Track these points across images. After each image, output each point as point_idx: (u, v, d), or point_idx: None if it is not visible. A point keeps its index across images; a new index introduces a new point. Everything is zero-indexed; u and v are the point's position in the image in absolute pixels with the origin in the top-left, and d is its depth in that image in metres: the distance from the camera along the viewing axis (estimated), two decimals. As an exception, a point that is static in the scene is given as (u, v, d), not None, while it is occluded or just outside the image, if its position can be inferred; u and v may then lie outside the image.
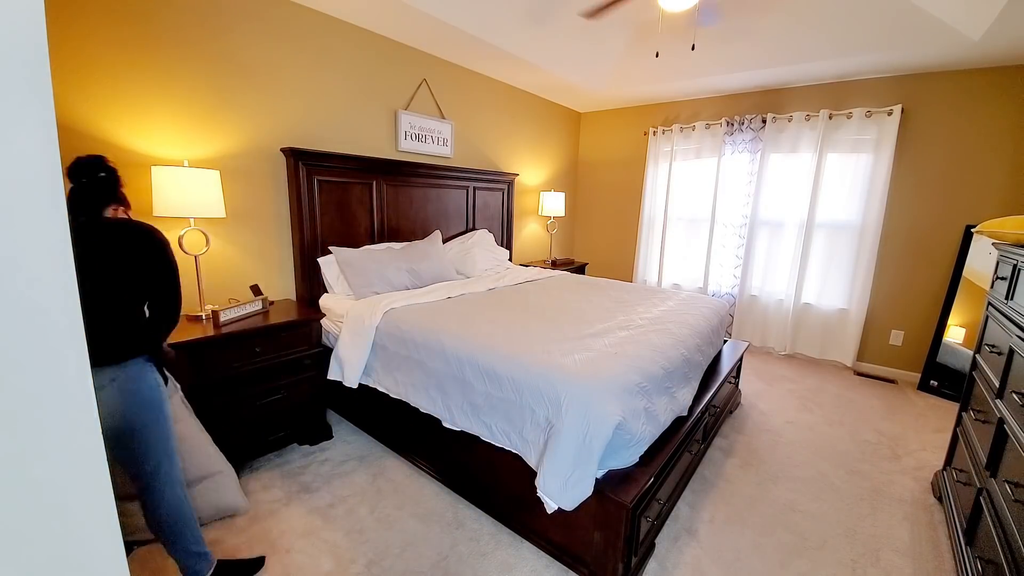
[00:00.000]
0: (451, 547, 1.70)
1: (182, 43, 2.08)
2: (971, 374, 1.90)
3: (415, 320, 2.14)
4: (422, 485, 2.05)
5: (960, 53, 2.79)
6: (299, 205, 2.51)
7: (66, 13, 1.75)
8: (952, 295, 3.15)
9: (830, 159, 3.56)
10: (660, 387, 1.74)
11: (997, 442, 1.45)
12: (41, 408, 0.43)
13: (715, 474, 2.18)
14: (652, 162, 4.46)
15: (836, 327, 3.68)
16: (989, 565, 1.34)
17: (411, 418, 2.08)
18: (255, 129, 2.39)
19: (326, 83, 2.67)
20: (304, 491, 1.98)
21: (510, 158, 4.21)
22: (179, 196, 1.93)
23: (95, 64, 1.84)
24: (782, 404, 2.98)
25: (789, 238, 3.80)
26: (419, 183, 3.19)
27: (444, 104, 3.42)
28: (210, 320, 2.06)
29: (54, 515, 0.45)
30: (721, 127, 3.97)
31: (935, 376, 3.21)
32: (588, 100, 4.49)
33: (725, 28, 3.01)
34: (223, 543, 1.67)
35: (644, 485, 1.47)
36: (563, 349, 1.77)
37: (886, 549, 1.74)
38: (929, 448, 2.48)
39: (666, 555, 1.68)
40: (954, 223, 3.17)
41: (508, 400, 1.66)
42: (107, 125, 1.90)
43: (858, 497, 2.05)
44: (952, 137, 3.13)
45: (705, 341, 2.27)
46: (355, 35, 2.77)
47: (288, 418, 2.22)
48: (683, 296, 2.86)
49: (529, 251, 4.71)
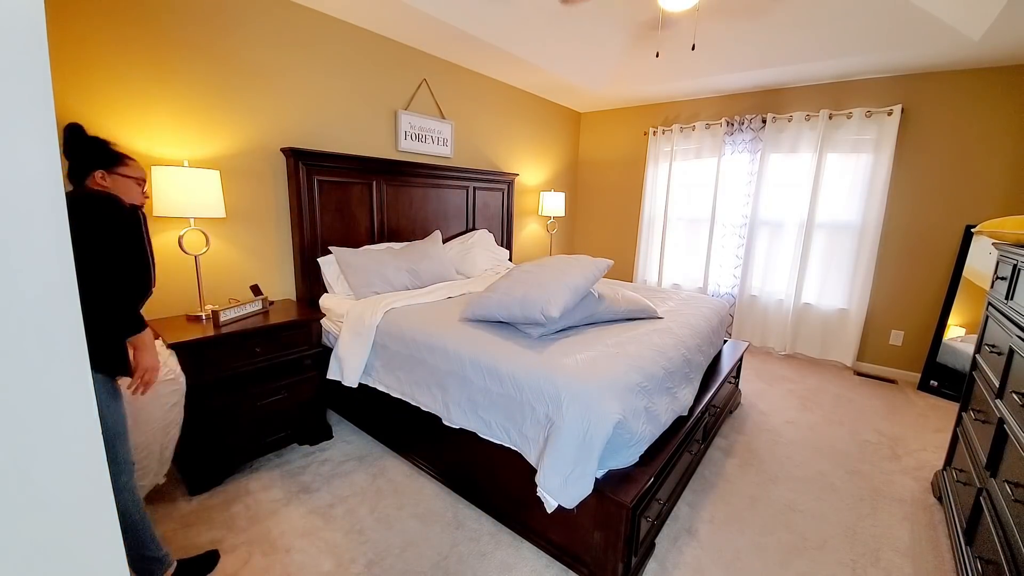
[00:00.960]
0: (451, 547, 1.70)
1: (182, 43, 2.08)
2: (971, 374, 1.90)
3: (416, 319, 2.14)
4: (422, 485, 2.05)
5: (960, 53, 2.79)
6: (299, 205, 2.51)
7: (66, 13, 1.75)
8: (952, 295, 3.15)
9: (830, 159, 3.56)
10: (661, 387, 1.74)
11: (997, 442, 1.45)
12: (41, 408, 0.43)
13: (715, 474, 2.18)
14: (652, 162, 4.47)
15: (836, 327, 3.68)
16: (989, 565, 1.34)
17: (411, 418, 2.08)
18: (255, 129, 2.39)
19: (326, 83, 2.67)
20: (304, 491, 1.98)
21: (510, 158, 4.21)
22: (179, 196, 1.93)
23: (95, 64, 1.84)
24: (782, 404, 2.98)
25: (789, 238, 3.80)
26: (419, 183, 3.19)
27: (444, 104, 3.42)
28: (210, 320, 2.06)
29: (54, 515, 0.45)
30: (721, 127, 3.97)
31: (935, 376, 3.21)
32: (588, 100, 4.49)
33: (725, 28, 3.02)
34: (224, 542, 1.67)
35: (644, 485, 1.47)
36: (564, 348, 1.77)
37: (886, 549, 1.74)
38: (929, 448, 2.48)
39: (666, 555, 1.68)
40: (954, 223, 3.17)
41: (508, 396, 1.66)
42: (107, 125, 1.90)
43: (858, 497, 2.05)
44: (952, 137, 3.13)
45: (705, 341, 2.27)
46: (355, 35, 2.77)
47: (288, 418, 2.22)
48: (683, 296, 2.86)
49: (529, 251, 4.71)
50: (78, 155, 1.31)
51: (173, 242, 2.09)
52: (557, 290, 1.86)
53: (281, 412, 2.18)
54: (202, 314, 2.09)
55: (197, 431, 1.88)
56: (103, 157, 1.34)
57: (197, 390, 1.87)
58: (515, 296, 1.91)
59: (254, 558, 1.61)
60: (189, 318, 2.09)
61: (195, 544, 1.66)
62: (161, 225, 2.10)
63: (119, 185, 1.35)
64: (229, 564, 1.59)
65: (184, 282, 2.19)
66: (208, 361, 1.90)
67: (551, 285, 1.89)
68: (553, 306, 1.80)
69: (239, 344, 2.00)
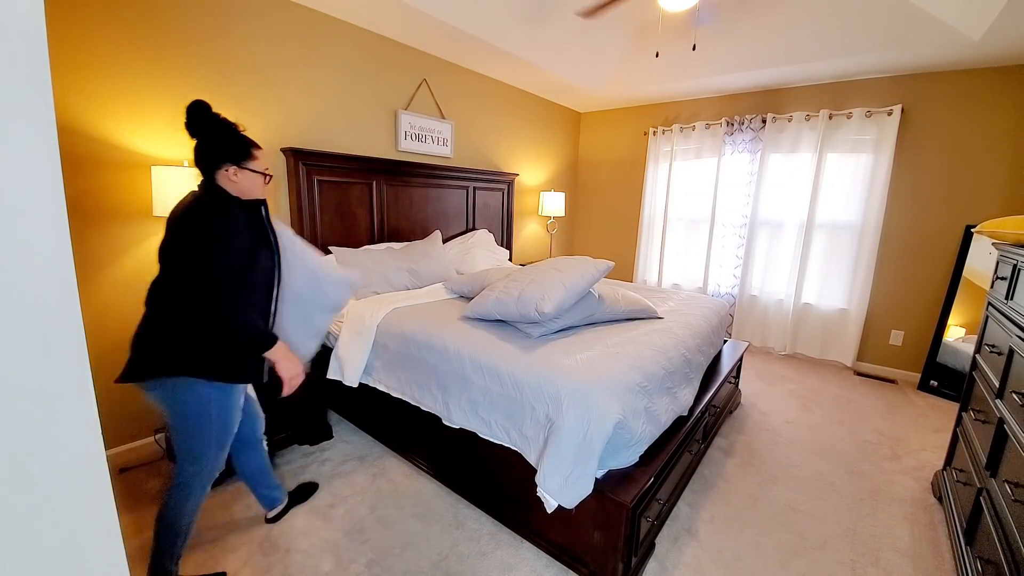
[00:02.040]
0: (451, 547, 1.70)
1: (183, 43, 2.08)
2: (971, 374, 1.90)
3: (417, 318, 2.14)
4: (422, 485, 2.05)
5: (960, 53, 2.79)
6: (299, 205, 2.50)
7: (66, 13, 1.75)
8: (952, 295, 3.15)
9: (830, 159, 3.56)
10: (661, 387, 1.74)
11: (997, 442, 1.45)
12: (41, 408, 0.43)
13: (715, 474, 2.18)
14: (652, 162, 4.46)
15: (836, 327, 3.68)
16: (989, 565, 1.34)
17: (411, 418, 2.08)
18: (255, 129, 2.38)
19: (326, 83, 2.67)
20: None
21: (510, 158, 4.21)
22: (179, 196, 1.90)
23: (95, 64, 1.84)
24: (782, 404, 2.98)
25: (789, 238, 3.80)
26: (419, 183, 3.19)
27: (444, 104, 3.42)
28: (210, 320, 2.06)
29: (54, 515, 0.45)
30: (721, 127, 3.97)
31: (935, 376, 3.21)
32: (588, 100, 4.49)
33: (725, 28, 3.02)
34: (224, 542, 1.68)
35: (644, 485, 1.47)
36: (564, 348, 1.77)
37: (886, 549, 1.74)
38: (929, 448, 2.48)
39: (666, 555, 1.68)
40: (954, 223, 3.17)
41: (508, 396, 1.66)
42: (107, 125, 1.90)
43: (858, 497, 2.05)
44: (952, 137, 3.13)
45: (705, 341, 2.27)
46: (355, 35, 2.77)
47: (288, 419, 2.22)
48: (683, 296, 2.86)
49: (529, 251, 4.71)
50: (205, 137, 1.29)
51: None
52: (553, 287, 1.86)
53: (281, 412, 2.18)
54: (202, 314, 2.09)
55: (197, 431, 1.88)
56: (232, 147, 1.30)
57: (197, 390, 1.88)
58: (512, 294, 1.92)
59: (254, 558, 1.61)
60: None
61: (196, 544, 1.66)
62: (161, 225, 2.09)
63: (247, 181, 1.33)
64: (229, 564, 1.59)
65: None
66: (208, 361, 1.90)
67: (548, 283, 1.89)
68: (547, 302, 1.80)
69: (239, 344, 1.99)
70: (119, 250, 2.01)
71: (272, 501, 1.78)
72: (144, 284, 1.31)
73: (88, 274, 1.94)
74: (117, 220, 1.98)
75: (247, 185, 1.33)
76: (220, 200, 1.26)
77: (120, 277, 2.02)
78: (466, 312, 2.08)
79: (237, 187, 1.32)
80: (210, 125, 1.29)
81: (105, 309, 1.98)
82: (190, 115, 1.27)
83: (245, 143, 1.33)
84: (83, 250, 1.91)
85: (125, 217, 2.00)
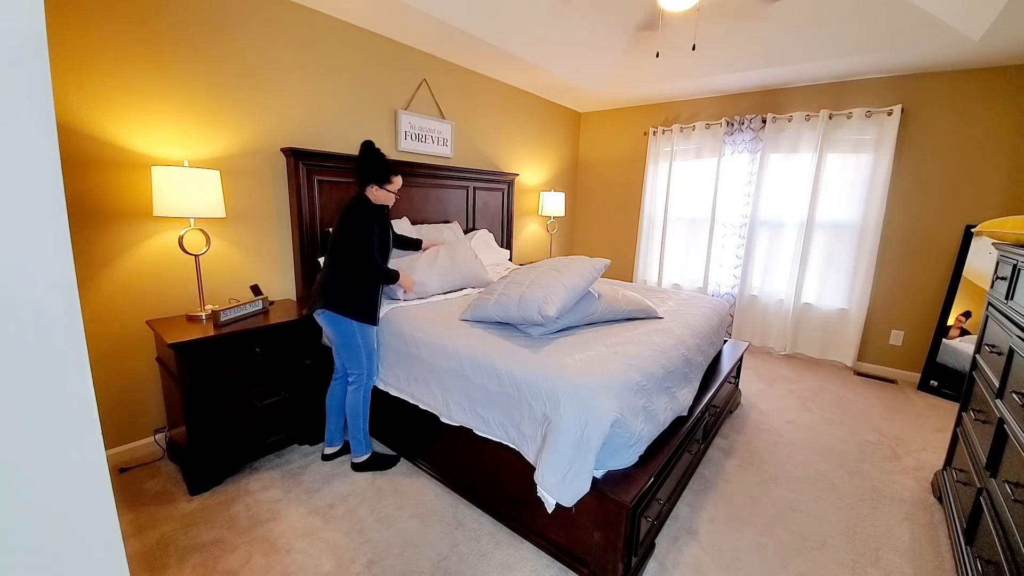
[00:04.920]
0: (451, 547, 1.70)
1: (183, 43, 2.08)
2: (971, 374, 1.90)
3: (417, 317, 2.14)
4: (422, 485, 2.05)
5: (960, 53, 2.79)
6: (299, 205, 2.50)
7: (66, 13, 1.75)
8: (952, 295, 3.15)
9: (830, 159, 3.56)
10: (660, 386, 1.74)
11: (997, 442, 1.45)
12: (41, 408, 0.43)
13: (715, 474, 2.18)
14: (652, 162, 4.47)
15: (836, 327, 3.68)
16: (989, 565, 1.34)
17: (411, 418, 2.09)
18: (255, 129, 2.39)
19: (326, 83, 2.67)
20: (304, 491, 1.98)
21: (510, 158, 4.21)
22: (179, 196, 1.93)
23: (95, 64, 1.84)
24: (782, 404, 2.98)
25: (789, 238, 3.80)
26: (419, 183, 3.19)
27: (444, 104, 3.42)
28: (210, 320, 2.06)
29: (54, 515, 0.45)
30: (721, 127, 3.97)
31: (935, 376, 3.21)
32: (588, 100, 4.49)
33: (725, 28, 3.02)
34: (224, 542, 1.68)
35: (644, 485, 1.47)
36: (563, 347, 1.77)
37: (886, 549, 1.74)
38: (929, 448, 2.48)
39: (666, 555, 1.68)
40: (954, 223, 3.17)
41: (506, 395, 1.66)
42: (107, 125, 1.90)
43: (858, 497, 2.05)
44: (952, 137, 3.13)
45: (705, 341, 2.27)
46: (355, 35, 2.77)
47: (288, 418, 2.22)
48: (683, 296, 2.86)
49: (529, 251, 4.71)
50: (366, 164, 1.96)
51: (173, 242, 2.09)
52: (555, 290, 1.86)
53: (281, 412, 2.18)
54: (202, 314, 2.09)
55: (197, 431, 1.89)
56: (380, 173, 1.97)
57: (197, 390, 1.88)
58: (512, 297, 1.92)
59: (254, 558, 1.61)
60: (189, 318, 2.08)
61: (196, 544, 1.66)
62: (161, 225, 2.10)
63: (382, 195, 2.01)
64: (229, 564, 1.59)
65: (184, 282, 2.19)
66: (208, 361, 1.90)
67: (549, 285, 1.89)
68: (550, 305, 1.80)
69: (239, 344, 2.00)
70: (119, 250, 2.01)
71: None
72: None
73: (88, 274, 1.94)
74: (117, 220, 1.98)
75: (381, 197, 2.03)
76: (364, 204, 2.00)
77: (120, 277, 2.02)
78: (465, 315, 2.08)
79: (375, 197, 2.02)
80: (371, 156, 1.95)
81: (105, 309, 1.98)
82: (361, 149, 1.97)
83: (386, 172, 1.98)
84: (83, 250, 1.91)
85: (125, 217, 2.00)
